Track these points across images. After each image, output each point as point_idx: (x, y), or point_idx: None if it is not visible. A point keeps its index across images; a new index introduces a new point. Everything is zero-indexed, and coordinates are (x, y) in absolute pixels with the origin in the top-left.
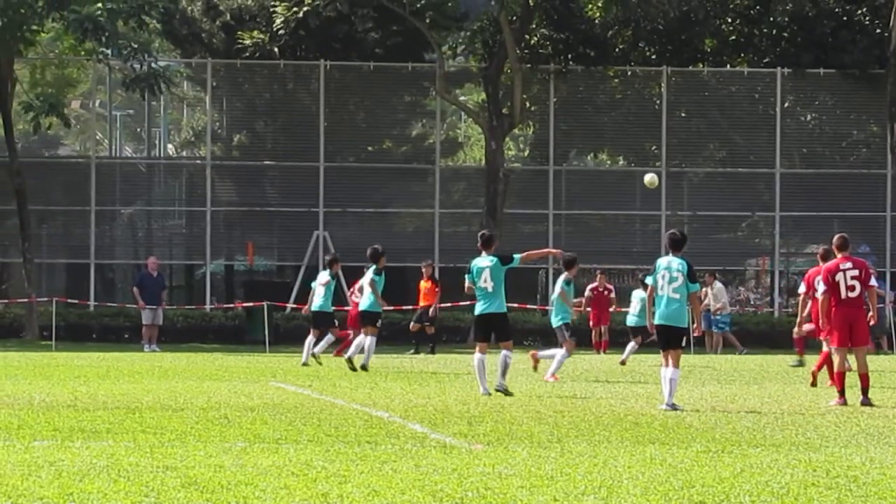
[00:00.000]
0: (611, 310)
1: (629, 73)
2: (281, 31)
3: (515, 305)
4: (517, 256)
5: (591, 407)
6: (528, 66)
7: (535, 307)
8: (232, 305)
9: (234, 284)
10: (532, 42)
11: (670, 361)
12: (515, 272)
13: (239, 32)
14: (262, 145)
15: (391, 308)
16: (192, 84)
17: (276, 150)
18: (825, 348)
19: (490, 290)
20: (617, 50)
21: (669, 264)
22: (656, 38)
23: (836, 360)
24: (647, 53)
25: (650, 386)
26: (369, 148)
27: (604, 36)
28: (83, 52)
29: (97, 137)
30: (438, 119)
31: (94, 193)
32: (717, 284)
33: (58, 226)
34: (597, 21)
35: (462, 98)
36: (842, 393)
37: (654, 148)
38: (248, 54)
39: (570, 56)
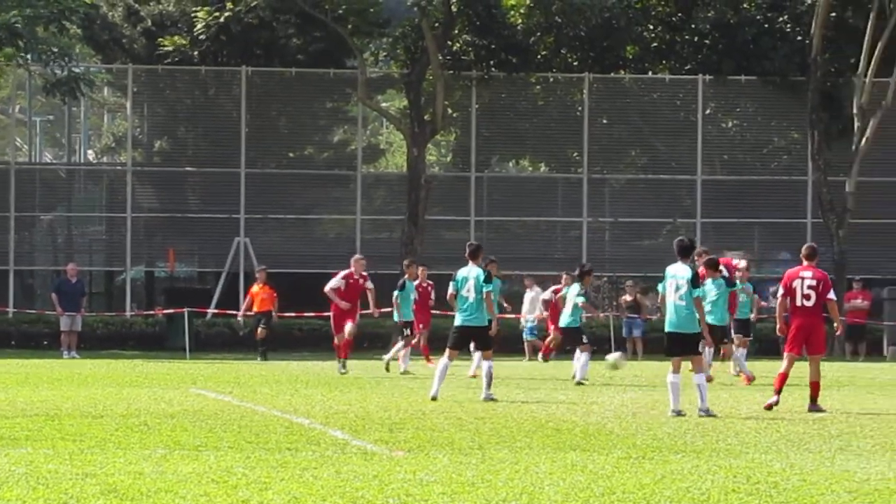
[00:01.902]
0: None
1: (551, 79)
2: (202, 37)
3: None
4: (496, 284)
5: (513, 413)
6: (451, 72)
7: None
8: (153, 312)
9: (155, 291)
10: (454, 48)
11: (693, 367)
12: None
13: (160, 38)
14: (183, 151)
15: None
16: (113, 90)
17: (198, 156)
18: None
19: (472, 300)
20: (539, 56)
21: (676, 272)
22: (578, 45)
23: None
24: (570, 60)
25: (571, 392)
26: (291, 154)
27: (526, 42)
28: (2, 58)
29: (17, 143)
30: (360, 125)
31: (14, 199)
32: (537, 289)
33: None
34: (519, 27)
35: (384, 104)
36: (777, 392)
37: (575, 154)
38: (169, 60)
39: (492, 62)
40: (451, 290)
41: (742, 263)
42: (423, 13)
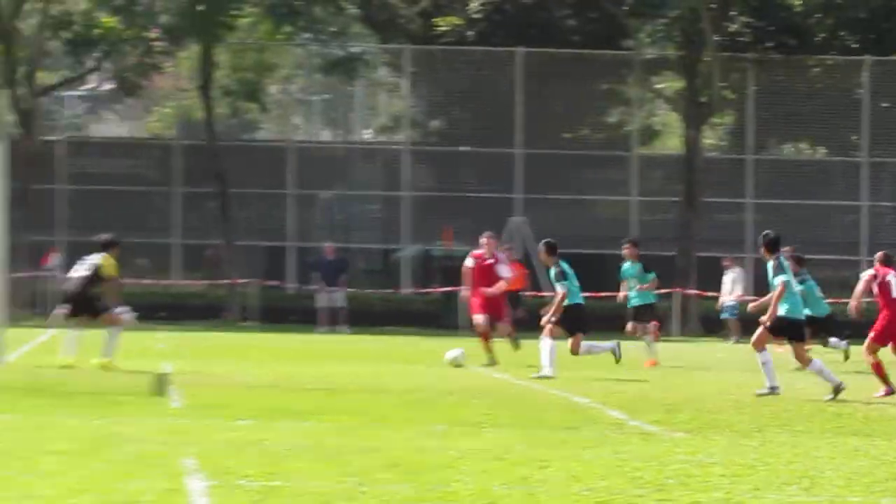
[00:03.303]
0: None
1: (829, 62)
2: (477, 17)
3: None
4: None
5: (790, 397)
6: (727, 54)
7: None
8: (429, 289)
9: (431, 269)
10: (731, 30)
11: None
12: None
13: (436, 18)
14: (458, 131)
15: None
16: (390, 70)
17: (473, 135)
18: None
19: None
20: (817, 38)
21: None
22: (858, 27)
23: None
24: (848, 42)
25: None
26: (566, 135)
27: (804, 24)
28: (281, 37)
29: (295, 122)
30: (636, 107)
31: (293, 177)
32: (738, 269)
33: (256, 209)
34: (797, 9)
35: (659, 86)
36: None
37: (854, 138)
38: (444, 40)
39: (769, 44)
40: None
41: None
42: None
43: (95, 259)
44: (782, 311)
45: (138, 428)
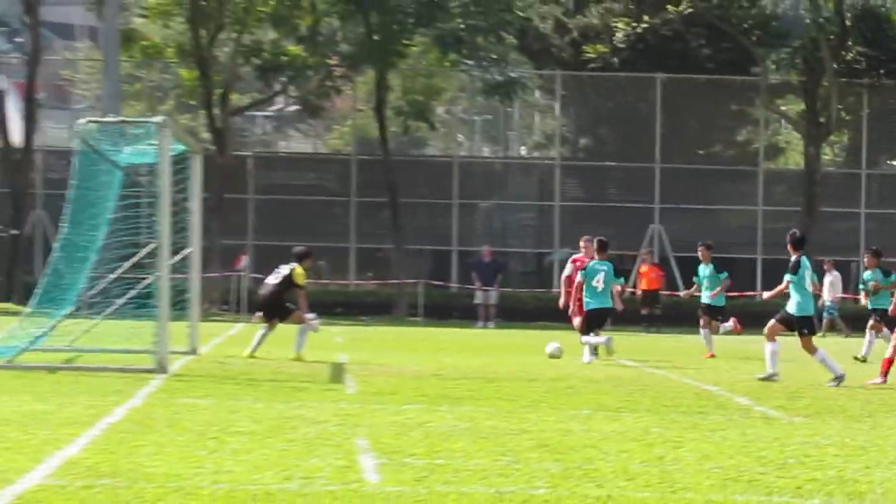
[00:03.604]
0: None
1: None
2: (622, 46)
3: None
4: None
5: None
6: (844, 79)
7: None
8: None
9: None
10: (847, 58)
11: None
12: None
13: (585, 47)
14: (604, 148)
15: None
16: (543, 93)
17: (617, 152)
18: None
19: (600, 290)
20: None
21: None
22: None
23: None
24: None
25: None
26: (700, 151)
27: None
28: (448, 64)
29: (459, 139)
30: (762, 126)
31: (456, 188)
32: (835, 272)
33: (424, 216)
34: None
35: (783, 108)
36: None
37: None
38: (592, 66)
39: (882, 71)
40: (579, 277)
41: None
42: (819, 27)
43: (287, 268)
44: (793, 307)
45: (316, 412)
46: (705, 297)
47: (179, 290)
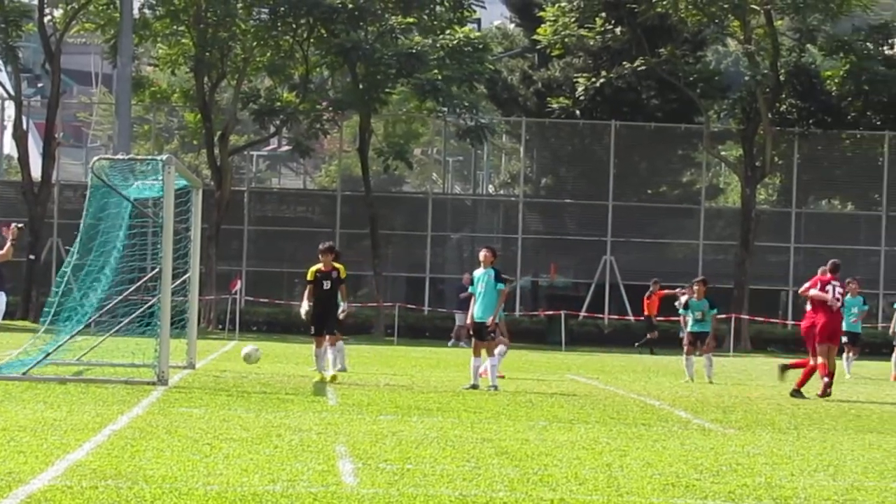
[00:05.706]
0: None
1: (858, 136)
2: (581, 98)
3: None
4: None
5: (822, 401)
6: (778, 128)
7: (776, 321)
8: (536, 313)
9: (539, 296)
10: (781, 109)
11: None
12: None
13: (548, 98)
14: (563, 187)
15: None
16: (509, 137)
17: (575, 190)
18: None
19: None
20: (849, 117)
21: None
22: (882, 108)
23: None
24: (874, 120)
25: (869, 386)
26: (649, 191)
27: (839, 105)
28: (425, 110)
29: (433, 178)
30: (704, 169)
31: (430, 222)
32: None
33: (401, 246)
34: (833, 93)
35: (724, 153)
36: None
37: (875, 195)
38: (554, 115)
39: (811, 121)
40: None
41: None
42: (757, 82)
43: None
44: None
45: (300, 421)
46: (694, 325)
47: (179, 311)
